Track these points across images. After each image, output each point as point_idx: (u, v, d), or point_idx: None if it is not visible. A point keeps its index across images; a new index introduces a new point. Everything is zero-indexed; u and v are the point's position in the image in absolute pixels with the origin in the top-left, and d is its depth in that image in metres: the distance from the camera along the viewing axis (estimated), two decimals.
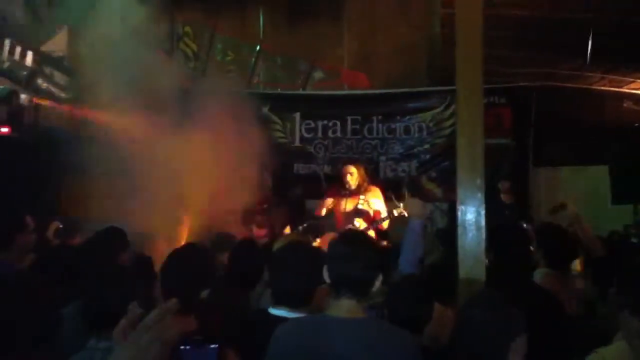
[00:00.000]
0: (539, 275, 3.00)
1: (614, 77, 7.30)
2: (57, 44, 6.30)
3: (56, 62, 6.21)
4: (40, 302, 1.55)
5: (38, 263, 3.24)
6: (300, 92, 8.33)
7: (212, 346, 0.80)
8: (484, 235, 2.81)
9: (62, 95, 6.10)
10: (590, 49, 6.22)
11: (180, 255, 2.79)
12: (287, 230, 5.84)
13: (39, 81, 5.88)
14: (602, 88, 7.62)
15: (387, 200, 5.94)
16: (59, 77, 6.20)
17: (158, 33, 5.56)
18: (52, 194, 5.65)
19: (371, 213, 5.67)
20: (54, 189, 5.65)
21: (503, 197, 6.34)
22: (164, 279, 2.62)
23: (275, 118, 8.14)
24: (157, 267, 3.06)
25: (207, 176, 5.21)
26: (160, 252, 3.72)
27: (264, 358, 1.90)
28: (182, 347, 0.79)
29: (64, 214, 5.25)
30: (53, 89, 6.01)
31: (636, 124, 7.26)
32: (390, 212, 5.50)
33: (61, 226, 4.79)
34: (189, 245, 3.07)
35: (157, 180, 4.95)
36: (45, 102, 5.86)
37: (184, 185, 5.25)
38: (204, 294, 2.71)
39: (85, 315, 2.21)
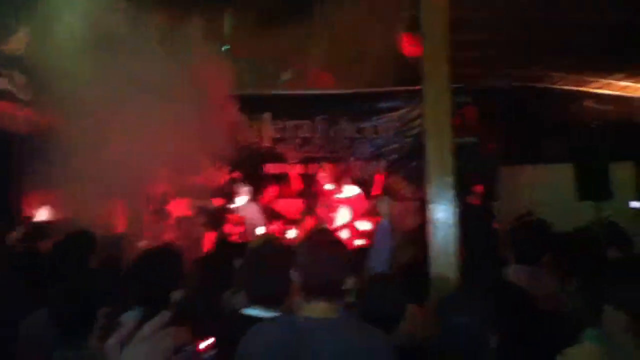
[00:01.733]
0: (511, 271, 3.05)
1: (576, 77, 7.49)
2: (16, 43, 6.13)
3: (15, 62, 6.03)
4: None
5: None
6: (270, 92, 8.29)
7: (205, 356, 0.81)
8: (455, 233, 2.84)
9: (22, 96, 5.93)
10: (554, 49, 6.38)
11: (150, 257, 2.74)
12: (259, 230, 5.83)
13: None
14: (565, 87, 7.81)
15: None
16: (18, 77, 6.03)
17: (122, 33, 5.43)
18: (13, 198, 5.49)
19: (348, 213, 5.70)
20: (16, 192, 5.50)
21: (471, 198, 6.44)
22: (133, 281, 2.57)
23: (244, 118, 8.07)
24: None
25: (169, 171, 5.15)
26: (131, 253, 3.65)
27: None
28: (174, 356, 0.79)
29: (27, 217, 5.12)
30: (13, 89, 5.84)
31: (597, 123, 7.46)
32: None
33: (23, 232, 4.66)
34: (159, 247, 3.01)
35: (121, 180, 4.86)
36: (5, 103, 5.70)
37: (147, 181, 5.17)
38: (176, 295, 2.67)
39: (54, 321, 2.15)
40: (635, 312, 1.41)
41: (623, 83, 7.52)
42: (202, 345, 0.82)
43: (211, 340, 0.84)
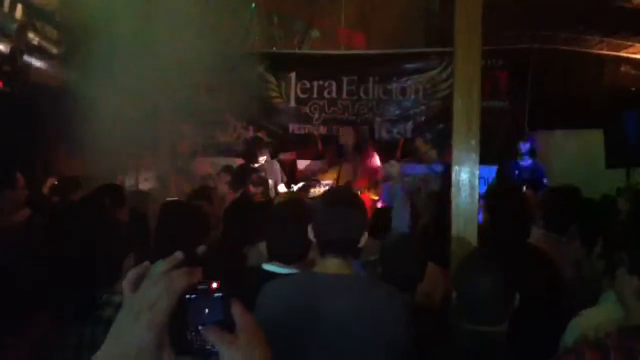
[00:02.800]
0: (535, 236, 3.03)
1: (612, 40, 7.24)
2: None
3: (47, 16, 6.07)
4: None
5: (33, 218, 3.26)
6: (296, 51, 8.22)
7: (217, 295, 0.81)
8: (477, 196, 2.82)
9: (54, 50, 5.98)
10: (591, 12, 6.15)
11: (176, 212, 2.81)
12: (282, 189, 5.88)
13: (30, 35, 5.75)
14: (600, 52, 7.56)
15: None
16: (50, 31, 6.08)
17: None
18: (46, 151, 5.62)
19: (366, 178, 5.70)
20: (48, 145, 5.62)
21: (520, 158, 6.38)
22: (159, 235, 2.64)
23: (270, 78, 8.05)
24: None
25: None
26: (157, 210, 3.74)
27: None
28: (187, 296, 0.80)
29: (59, 171, 5.24)
30: (45, 43, 5.90)
31: (633, 88, 7.23)
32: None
33: (56, 183, 4.79)
34: (184, 203, 3.08)
35: (147, 135, 4.93)
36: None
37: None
38: (200, 250, 2.74)
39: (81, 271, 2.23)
40: None
41: None
42: (215, 284, 0.82)
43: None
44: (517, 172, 6.24)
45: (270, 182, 6.04)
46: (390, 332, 1.78)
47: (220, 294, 0.81)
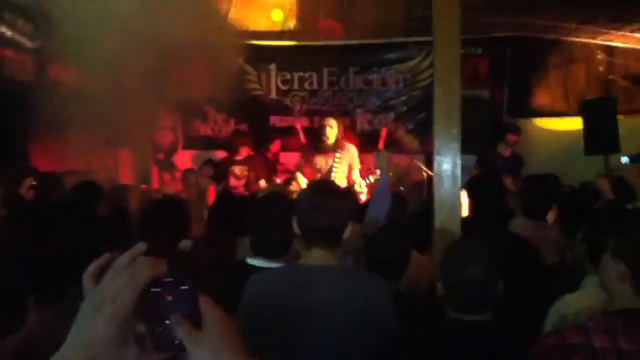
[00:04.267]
0: (515, 224, 3.07)
1: (588, 27, 7.30)
2: None
3: (18, 9, 5.93)
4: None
5: (9, 218, 3.20)
6: (276, 43, 8.16)
7: (184, 287, 0.77)
8: (459, 185, 2.84)
9: (28, 44, 5.85)
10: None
11: (157, 206, 2.78)
12: (263, 183, 5.84)
13: (2, 29, 5.62)
14: (576, 39, 7.63)
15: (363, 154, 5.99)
16: (22, 24, 5.94)
17: None
18: (22, 148, 5.51)
19: (345, 171, 5.67)
20: (24, 142, 5.51)
21: (502, 149, 6.43)
22: (141, 229, 2.61)
23: (250, 69, 8.00)
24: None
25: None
26: (138, 203, 3.70)
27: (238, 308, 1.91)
28: (152, 289, 0.77)
29: (35, 167, 5.14)
30: (18, 37, 5.76)
31: (610, 76, 7.32)
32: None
33: (34, 183, 4.69)
34: (166, 197, 3.05)
35: (127, 128, 4.86)
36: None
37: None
38: (185, 244, 2.72)
39: (62, 267, 2.20)
40: (633, 262, 1.42)
41: (638, 35, 7.33)
42: (181, 276, 0.78)
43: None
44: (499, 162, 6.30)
45: (254, 175, 6.00)
46: (377, 321, 1.79)
47: (186, 287, 0.77)
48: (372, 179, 5.38)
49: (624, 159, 4.04)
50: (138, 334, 0.77)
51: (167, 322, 0.77)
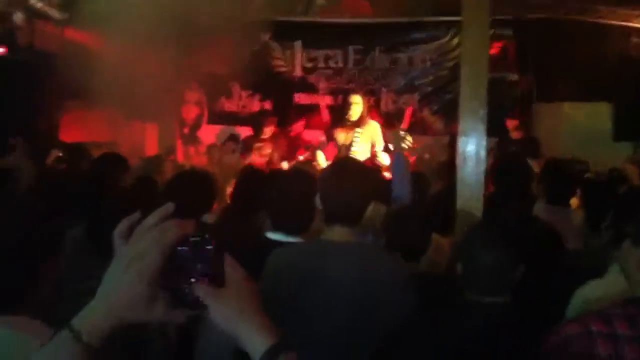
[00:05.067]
0: (538, 209, 3.03)
1: (623, 10, 7.08)
2: None
3: None
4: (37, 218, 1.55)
5: (36, 188, 3.27)
6: (302, 19, 8.09)
7: (209, 247, 0.79)
8: (483, 167, 2.82)
9: (57, 15, 5.91)
10: None
11: (182, 179, 2.81)
12: (285, 161, 5.86)
13: (31, 1, 5.68)
14: (610, 22, 7.41)
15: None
16: None
17: None
18: (50, 119, 5.60)
19: (368, 147, 5.62)
20: (53, 113, 5.60)
21: (511, 133, 6.32)
22: (165, 201, 2.64)
23: (275, 46, 7.97)
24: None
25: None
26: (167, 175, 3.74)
27: (258, 280, 1.94)
28: (179, 247, 0.78)
29: (63, 139, 5.24)
30: (47, 8, 5.82)
31: None
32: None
33: (60, 154, 4.78)
34: (191, 170, 3.08)
35: (154, 102, 4.90)
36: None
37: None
38: (206, 218, 2.75)
39: (91, 237, 2.25)
40: None
41: None
42: (207, 236, 0.80)
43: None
44: (513, 147, 6.21)
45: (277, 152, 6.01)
46: (391, 298, 1.80)
47: (211, 247, 0.79)
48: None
49: None
50: (165, 292, 0.79)
51: (193, 280, 0.79)
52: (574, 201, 3.33)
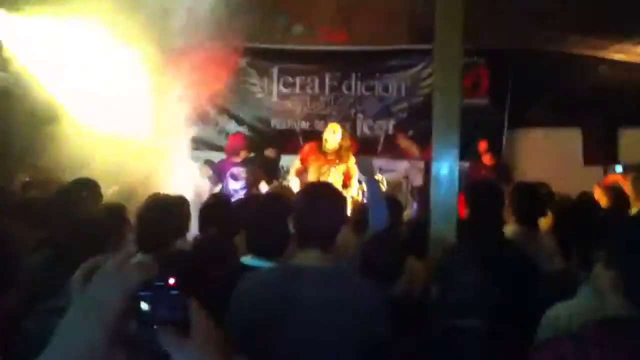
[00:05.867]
0: (509, 231, 3.07)
1: (591, 40, 7.32)
2: None
3: None
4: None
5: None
6: (279, 46, 8.18)
7: (173, 292, 0.75)
8: (457, 191, 2.84)
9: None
10: (571, 12, 6.21)
11: (155, 204, 2.78)
12: (263, 185, 5.82)
13: None
14: (579, 52, 7.64)
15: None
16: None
17: None
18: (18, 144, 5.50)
19: (341, 177, 5.60)
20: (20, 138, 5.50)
21: (484, 158, 6.41)
22: (138, 228, 2.61)
23: (252, 72, 8.02)
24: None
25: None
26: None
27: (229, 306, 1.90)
28: (141, 293, 0.74)
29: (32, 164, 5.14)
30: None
31: (611, 89, 7.33)
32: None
33: (28, 179, 4.68)
34: (164, 195, 3.04)
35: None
36: None
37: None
38: (180, 243, 2.72)
39: (60, 263, 2.19)
40: (626, 272, 1.41)
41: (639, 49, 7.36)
42: (172, 280, 0.76)
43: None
44: (483, 171, 6.29)
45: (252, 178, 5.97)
46: (365, 323, 1.78)
47: (176, 292, 0.75)
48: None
49: (619, 169, 4.08)
50: (127, 338, 0.75)
51: (155, 327, 0.75)
52: (544, 223, 3.38)
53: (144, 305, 0.74)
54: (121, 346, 0.74)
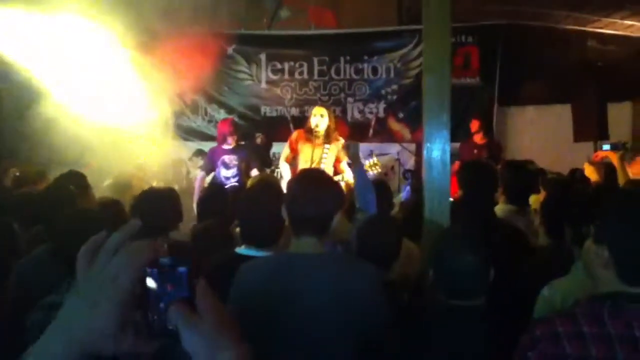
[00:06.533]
0: (500, 210, 3.09)
1: (579, 15, 7.31)
2: None
3: None
4: None
5: None
6: (266, 32, 8.11)
7: (181, 269, 0.73)
8: (449, 172, 2.84)
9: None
10: None
11: (148, 196, 2.77)
12: (254, 172, 5.80)
13: None
14: (567, 27, 7.63)
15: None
16: None
17: None
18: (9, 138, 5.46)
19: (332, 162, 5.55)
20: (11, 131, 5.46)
21: (475, 137, 6.40)
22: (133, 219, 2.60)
23: (240, 59, 7.96)
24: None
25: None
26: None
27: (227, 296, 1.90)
28: (149, 269, 0.72)
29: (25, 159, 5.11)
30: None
31: (599, 63, 7.34)
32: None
33: (18, 174, 4.64)
34: (157, 187, 3.04)
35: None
36: None
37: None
38: (173, 234, 2.72)
39: (57, 258, 2.19)
40: (616, 247, 1.42)
41: (627, 22, 7.35)
42: (178, 257, 0.73)
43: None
44: (475, 150, 6.29)
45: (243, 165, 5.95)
46: (363, 308, 1.79)
47: (184, 268, 0.72)
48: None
49: (606, 147, 4.07)
50: (134, 320, 0.72)
51: (162, 305, 0.72)
52: (535, 200, 3.40)
53: (151, 283, 0.72)
54: (129, 326, 0.72)
